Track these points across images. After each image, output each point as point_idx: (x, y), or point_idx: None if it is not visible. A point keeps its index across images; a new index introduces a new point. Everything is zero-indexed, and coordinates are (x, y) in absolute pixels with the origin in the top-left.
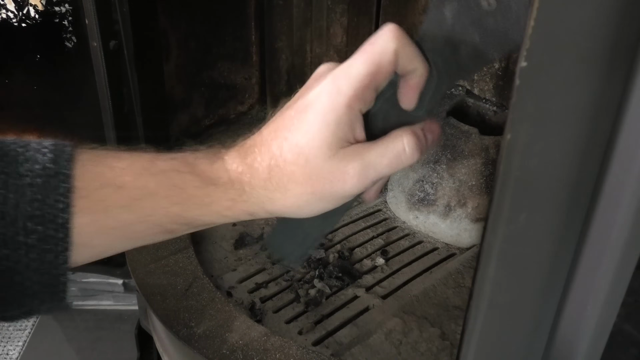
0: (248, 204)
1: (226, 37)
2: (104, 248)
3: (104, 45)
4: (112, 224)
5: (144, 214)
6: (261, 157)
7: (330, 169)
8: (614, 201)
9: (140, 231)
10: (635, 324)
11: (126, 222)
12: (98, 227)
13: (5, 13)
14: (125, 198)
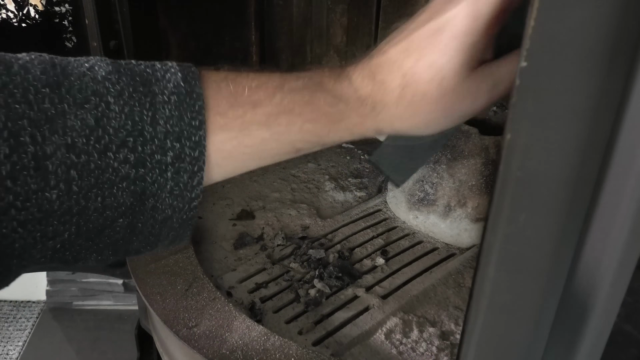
0: (377, 121)
1: (226, 37)
2: (234, 168)
3: (104, 45)
4: (248, 142)
5: (279, 131)
6: (392, 75)
7: (467, 88)
8: (614, 201)
9: (272, 149)
10: (635, 324)
11: (261, 140)
12: (235, 145)
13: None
14: (261, 115)
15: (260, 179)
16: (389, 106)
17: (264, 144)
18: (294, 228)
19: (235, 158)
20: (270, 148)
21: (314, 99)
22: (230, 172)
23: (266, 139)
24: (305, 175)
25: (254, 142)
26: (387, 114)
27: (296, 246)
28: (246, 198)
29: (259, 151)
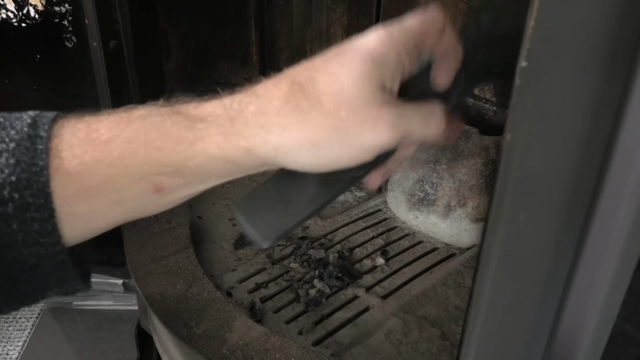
0: (246, 136)
1: (226, 37)
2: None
3: (104, 45)
4: (92, 182)
5: (124, 164)
6: (279, 85)
7: (365, 105)
8: (614, 201)
9: (125, 189)
10: (636, 324)
11: (107, 178)
12: (78, 188)
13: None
14: (101, 150)
15: (261, 179)
16: (268, 114)
17: (113, 182)
18: None
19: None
20: (122, 187)
21: (162, 123)
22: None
23: (112, 176)
24: None
25: (99, 182)
26: (263, 123)
27: (296, 246)
28: None
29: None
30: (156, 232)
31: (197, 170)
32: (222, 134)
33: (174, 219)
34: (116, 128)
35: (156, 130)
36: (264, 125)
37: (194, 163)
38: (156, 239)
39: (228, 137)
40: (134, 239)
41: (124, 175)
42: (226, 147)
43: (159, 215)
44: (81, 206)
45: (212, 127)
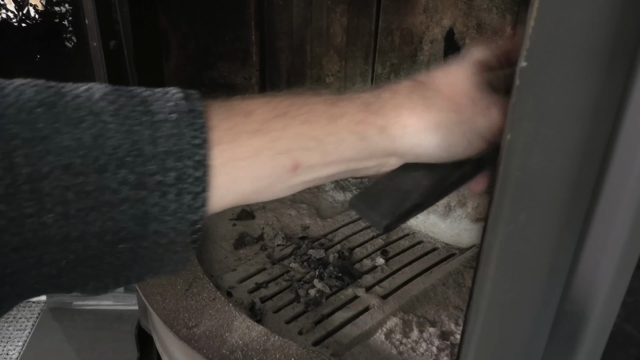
0: (383, 116)
1: (226, 37)
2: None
3: (104, 45)
4: (240, 153)
5: (273, 137)
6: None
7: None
8: (614, 201)
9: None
10: (636, 324)
11: (255, 150)
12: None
13: (5, 13)
14: (253, 122)
15: None
16: (400, 99)
17: (258, 154)
18: (294, 228)
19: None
20: (265, 161)
21: (311, 100)
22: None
23: (260, 148)
24: None
25: (247, 153)
26: (395, 104)
27: (296, 246)
28: None
29: (254, 165)
30: None
31: (334, 146)
32: (362, 111)
33: None
34: (269, 104)
35: (304, 105)
36: (396, 107)
37: (335, 138)
38: None
39: (366, 114)
40: None
41: (271, 148)
42: (365, 123)
43: None
44: (221, 178)
45: (354, 105)
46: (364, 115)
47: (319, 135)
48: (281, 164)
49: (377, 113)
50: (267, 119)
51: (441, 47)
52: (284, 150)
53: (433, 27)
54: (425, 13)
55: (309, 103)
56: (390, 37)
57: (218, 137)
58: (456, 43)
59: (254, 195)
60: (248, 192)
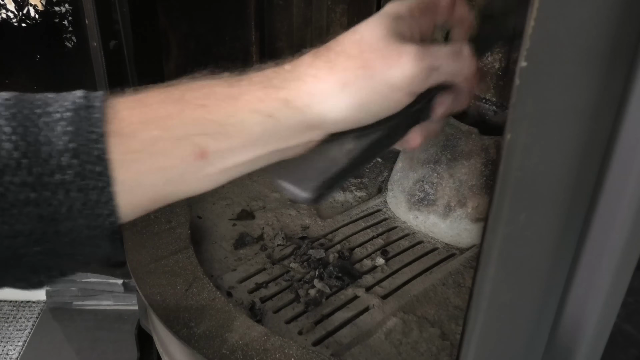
0: (284, 89)
1: (226, 37)
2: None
3: (104, 45)
4: (136, 145)
5: (169, 124)
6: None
7: (387, 44)
8: (614, 201)
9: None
10: (635, 324)
11: (151, 139)
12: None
13: (5, 13)
14: (147, 112)
15: (260, 179)
16: (302, 68)
17: (155, 143)
18: (294, 228)
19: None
20: (164, 150)
21: (208, 84)
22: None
23: (155, 138)
24: None
25: (144, 144)
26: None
27: (296, 246)
28: (246, 198)
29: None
30: (156, 232)
31: (239, 128)
32: (261, 89)
33: (174, 219)
34: (164, 92)
35: (201, 89)
36: (299, 77)
37: (236, 119)
38: (156, 239)
39: (267, 90)
40: (134, 239)
41: (169, 137)
42: (266, 100)
43: (159, 215)
44: (125, 172)
45: (253, 84)
46: (265, 92)
47: (218, 119)
48: (183, 152)
49: (278, 87)
50: (161, 107)
51: None
52: (181, 137)
53: None
54: None
55: (206, 86)
56: None
57: (114, 130)
58: None
59: (168, 188)
60: (159, 185)
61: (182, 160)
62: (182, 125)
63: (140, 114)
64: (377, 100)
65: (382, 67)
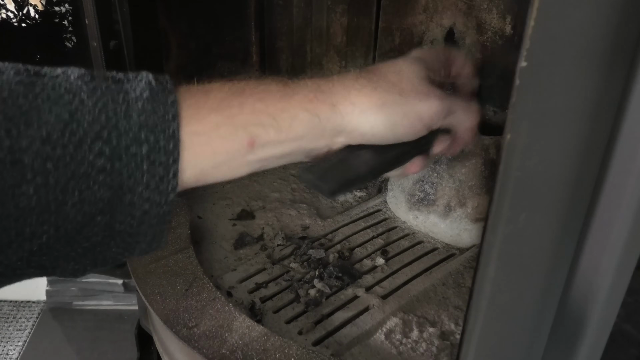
0: (333, 94)
1: (226, 37)
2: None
3: (104, 45)
4: (199, 128)
5: (231, 113)
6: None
7: (420, 82)
8: (614, 201)
9: (225, 137)
10: (635, 324)
11: (214, 125)
12: (189, 132)
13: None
14: (213, 100)
15: (261, 179)
16: (348, 82)
17: (217, 129)
18: (294, 228)
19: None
20: (223, 135)
21: (265, 82)
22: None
23: (218, 124)
24: None
25: (207, 128)
26: (343, 87)
27: (296, 246)
28: (246, 198)
29: (213, 139)
30: None
31: (288, 122)
32: (313, 91)
33: (174, 219)
34: (223, 86)
35: (259, 85)
36: (345, 88)
37: (288, 115)
38: None
39: (318, 94)
40: None
41: (229, 124)
42: (316, 100)
43: None
44: (186, 152)
45: (306, 86)
46: (315, 94)
47: (273, 112)
48: (238, 139)
49: (327, 92)
50: (225, 97)
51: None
52: (240, 126)
53: (433, 27)
54: (425, 13)
55: (263, 84)
56: (390, 37)
57: (185, 114)
58: (456, 43)
59: (212, 171)
60: (207, 167)
61: (234, 145)
62: (242, 115)
63: (206, 101)
64: (405, 124)
65: (415, 99)
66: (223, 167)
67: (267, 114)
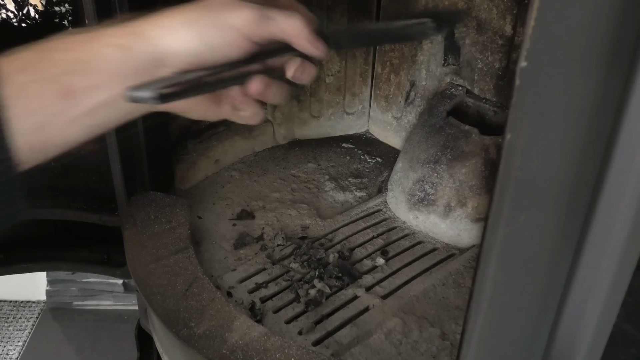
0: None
1: None
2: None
3: None
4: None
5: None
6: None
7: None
8: (614, 201)
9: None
10: (635, 324)
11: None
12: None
13: (5, 13)
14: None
15: (260, 179)
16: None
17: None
18: (294, 228)
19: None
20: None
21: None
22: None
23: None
24: (305, 175)
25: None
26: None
27: (296, 246)
28: (246, 198)
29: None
30: (156, 232)
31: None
32: (121, 28)
33: (174, 219)
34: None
35: (66, 37)
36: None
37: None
38: (156, 239)
39: (125, 28)
40: (134, 239)
41: (37, 79)
42: (121, 35)
43: (159, 215)
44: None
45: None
46: (123, 31)
47: (80, 57)
48: (49, 92)
49: (132, 25)
50: (33, 55)
51: (441, 47)
52: (47, 78)
53: None
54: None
55: (70, 34)
56: None
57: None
58: (456, 43)
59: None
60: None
61: (48, 100)
62: (47, 68)
63: (14, 62)
64: (216, 35)
65: (223, 10)
66: (49, 128)
67: (74, 61)
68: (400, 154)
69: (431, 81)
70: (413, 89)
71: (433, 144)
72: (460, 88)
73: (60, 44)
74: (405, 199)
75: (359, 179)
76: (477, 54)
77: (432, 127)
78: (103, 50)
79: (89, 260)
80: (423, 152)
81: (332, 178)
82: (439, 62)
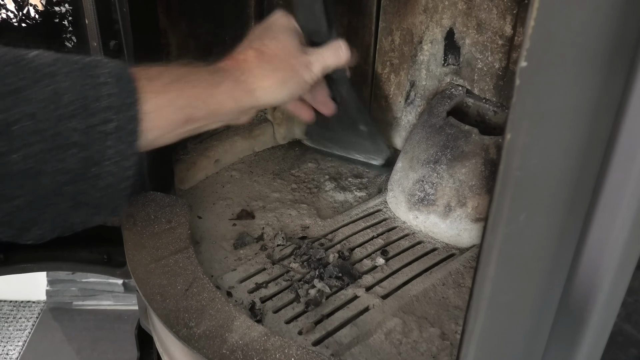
0: (248, 83)
1: (226, 37)
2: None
3: (104, 45)
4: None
5: (171, 97)
6: (246, 53)
7: (301, 54)
8: (614, 201)
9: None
10: (635, 324)
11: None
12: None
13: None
14: (156, 84)
15: (260, 179)
16: (252, 66)
17: (160, 109)
18: (294, 228)
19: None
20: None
21: (197, 70)
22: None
23: (160, 105)
24: (305, 175)
25: (152, 108)
26: (253, 73)
27: (296, 246)
28: (246, 198)
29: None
30: (156, 232)
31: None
32: (234, 80)
33: (174, 219)
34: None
35: (193, 74)
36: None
37: (216, 100)
38: (156, 239)
39: (237, 83)
40: (134, 239)
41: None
42: (237, 90)
43: (159, 215)
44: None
45: (227, 74)
46: (235, 84)
47: (204, 98)
48: (177, 117)
49: (245, 82)
50: (166, 83)
51: (441, 47)
52: (177, 106)
53: (433, 27)
54: (425, 13)
55: (195, 72)
56: (390, 37)
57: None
58: (456, 43)
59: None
60: (153, 139)
61: (173, 123)
62: (179, 99)
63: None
64: (298, 90)
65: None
66: (163, 137)
67: (201, 100)
68: (400, 154)
69: (431, 81)
70: (413, 89)
71: (433, 144)
72: (460, 88)
73: (189, 78)
74: (405, 199)
75: (359, 179)
76: (477, 54)
77: (432, 127)
78: (220, 97)
79: (89, 260)
80: (423, 152)
81: (332, 178)
82: (439, 62)
